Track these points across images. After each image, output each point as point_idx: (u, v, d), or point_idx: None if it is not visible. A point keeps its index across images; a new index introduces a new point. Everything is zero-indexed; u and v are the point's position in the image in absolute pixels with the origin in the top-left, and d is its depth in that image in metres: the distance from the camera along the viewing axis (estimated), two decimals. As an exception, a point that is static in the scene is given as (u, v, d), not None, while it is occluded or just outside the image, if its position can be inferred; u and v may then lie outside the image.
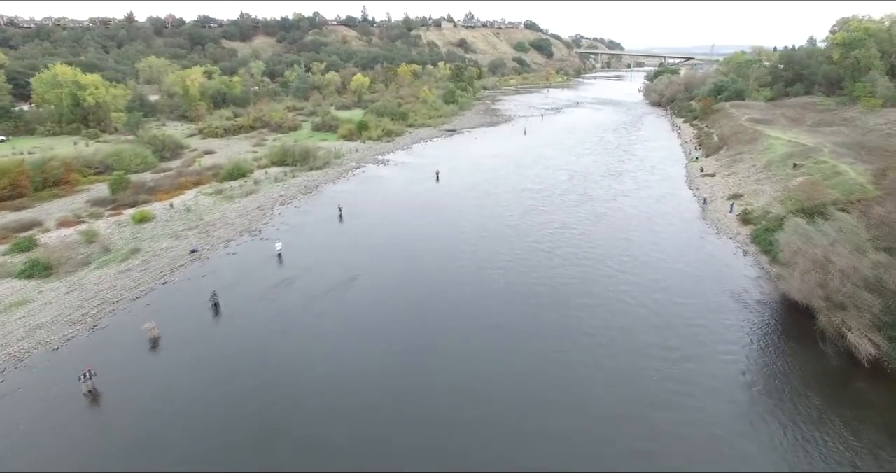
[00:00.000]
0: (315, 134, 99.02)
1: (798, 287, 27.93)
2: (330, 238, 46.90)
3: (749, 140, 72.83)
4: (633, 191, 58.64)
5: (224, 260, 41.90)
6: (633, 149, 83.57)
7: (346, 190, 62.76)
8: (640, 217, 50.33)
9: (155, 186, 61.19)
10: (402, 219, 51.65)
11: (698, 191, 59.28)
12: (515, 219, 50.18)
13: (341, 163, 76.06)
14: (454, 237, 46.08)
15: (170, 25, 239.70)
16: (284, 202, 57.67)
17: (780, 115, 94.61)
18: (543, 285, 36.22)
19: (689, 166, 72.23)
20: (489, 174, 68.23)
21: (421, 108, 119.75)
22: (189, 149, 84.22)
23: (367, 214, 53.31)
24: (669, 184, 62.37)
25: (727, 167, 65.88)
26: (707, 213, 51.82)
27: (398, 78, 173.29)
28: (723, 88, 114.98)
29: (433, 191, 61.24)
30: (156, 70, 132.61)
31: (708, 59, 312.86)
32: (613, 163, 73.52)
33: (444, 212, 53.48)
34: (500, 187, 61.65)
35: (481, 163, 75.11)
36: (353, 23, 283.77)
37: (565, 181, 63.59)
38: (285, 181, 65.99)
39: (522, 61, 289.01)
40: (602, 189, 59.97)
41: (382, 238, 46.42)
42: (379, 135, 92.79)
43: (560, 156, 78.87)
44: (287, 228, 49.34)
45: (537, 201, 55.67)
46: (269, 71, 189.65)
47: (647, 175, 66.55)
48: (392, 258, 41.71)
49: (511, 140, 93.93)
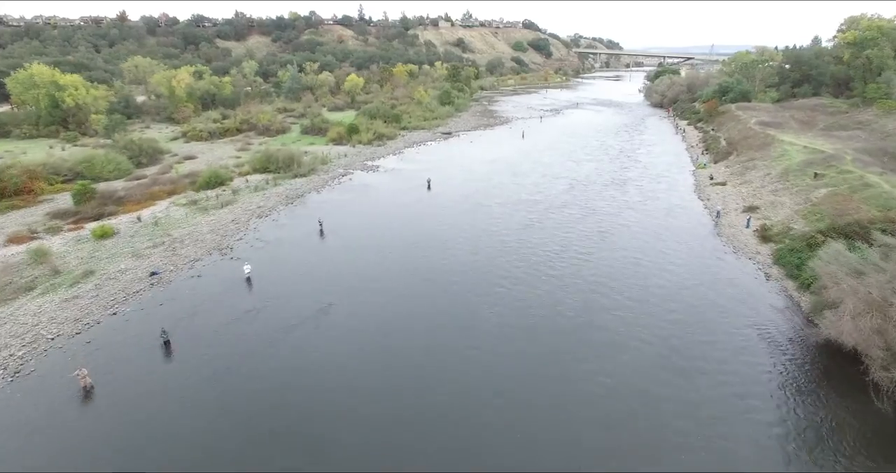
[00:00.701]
0: (304, 137, 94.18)
1: (849, 331, 23.24)
2: (307, 258, 42.13)
3: (760, 145, 68.15)
4: (639, 204, 53.82)
5: (186, 285, 37.13)
6: (636, 154, 78.84)
7: (331, 200, 57.98)
8: (649, 234, 45.55)
9: (125, 196, 56.38)
10: (388, 235, 46.84)
11: (709, 203, 54.61)
12: (511, 237, 45.20)
13: (328, 169, 71.26)
14: (443, 259, 41.31)
15: (163, 24, 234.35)
16: (262, 214, 52.87)
17: (789, 118, 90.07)
18: (543, 323, 31.30)
19: (696, 173, 67.55)
20: (484, 183, 63.46)
21: (415, 110, 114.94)
22: (169, 153, 79.45)
23: (350, 229, 48.54)
24: (678, 195, 57.64)
25: (739, 175, 61.20)
26: (721, 228, 47.14)
27: (393, 78, 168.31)
28: (728, 89, 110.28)
29: (423, 202, 56.50)
30: (142, 70, 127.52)
31: (708, 59, 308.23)
32: (616, 170, 68.74)
33: (434, 227, 48.70)
34: (495, 198, 56.87)
35: (476, 169, 70.33)
36: (349, 22, 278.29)
37: (565, 191, 58.80)
38: (266, 190, 61.19)
39: (521, 61, 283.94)
40: (605, 200, 55.19)
41: (364, 258, 41.64)
42: (370, 138, 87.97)
43: (559, 162, 74.09)
44: (261, 245, 44.57)
45: (535, 215, 50.82)
46: (263, 71, 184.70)
47: (652, 184, 61.80)
48: (372, 285, 36.94)
49: (508, 144, 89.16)
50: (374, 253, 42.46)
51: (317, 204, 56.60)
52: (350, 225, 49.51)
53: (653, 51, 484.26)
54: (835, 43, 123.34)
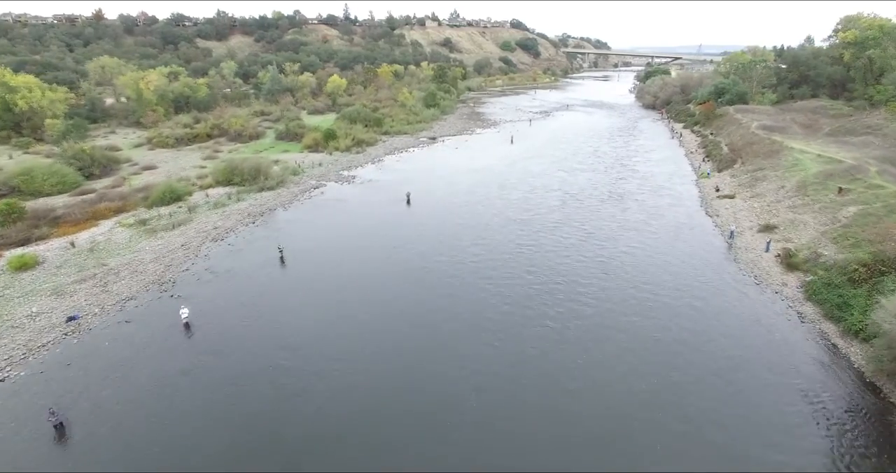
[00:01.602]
0: (278, 144, 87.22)
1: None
2: (262, 295, 35.46)
3: (768, 153, 62.41)
4: (642, 223, 47.47)
5: (109, 334, 30.39)
6: (632, 162, 72.71)
7: (298, 218, 51.27)
8: (656, 263, 39.21)
9: (63, 215, 49.28)
10: (358, 264, 40.26)
11: (719, 219, 48.66)
12: (496, 270, 38.45)
13: (299, 180, 64.43)
14: (417, 297, 34.84)
15: (141, 23, 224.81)
16: (218, 237, 46.04)
17: (790, 121, 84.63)
18: (538, 404, 25.07)
19: (700, 184, 61.67)
20: (468, 196, 56.99)
21: (399, 113, 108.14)
22: (129, 163, 72.23)
23: (316, 256, 41.92)
24: (683, 211, 51.60)
25: (748, 187, 55.35)
26: (737, 252, 41.15)
27: (378, 79, 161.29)
28: (724, 91, 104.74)
29: (400, 220, 49.96)
30: (108, 71, 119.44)
31: (696, 59, 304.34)
32: (613, 181, 62.44)
33: (410, 253, 42.18)
34: (480, 216, 50.37)
35: (460, 180, 63.83)
36: (334, 22, 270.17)
37: (558, 208, 52.37)
38: (227, 206, 54.35)
39: (509, 61, 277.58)
40: (603, 220, 48.82)
41: (328, 296, 35.06)
42: (348, 145, 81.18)
43: (550, 172, 67.72)
44: (210, 278, 37.85)
45: (524, 239, 44.21)
46: (243, 72, 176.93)
47: (654, 198, 55.64)
48: (332, 333, 30.44)
49: (495, 150, 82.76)
50: (339, 289, 35.89)
51: (282, 223, 49.88)
52: (316, 250, 42.87)
53: (640, 50, 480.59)
54: (830, 43, 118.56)
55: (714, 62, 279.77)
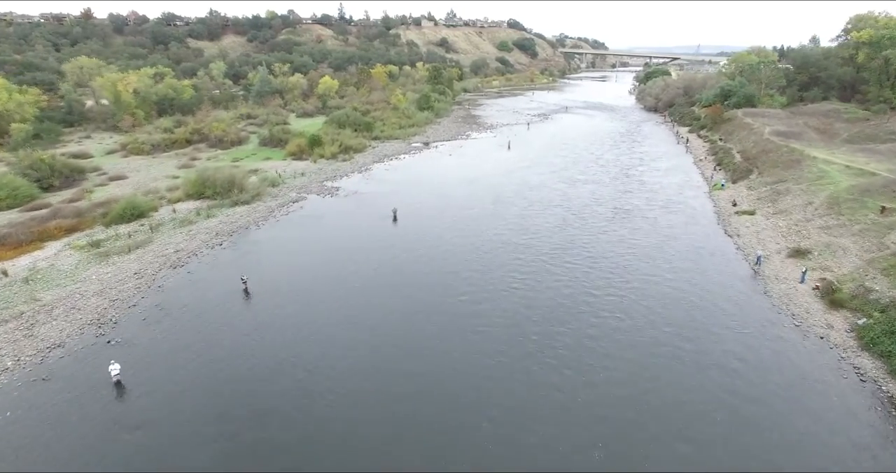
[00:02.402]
0: (261, 150, 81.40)
1: None
2: (216, 338, 29.70)
3: (787, 162, 56.87)
4: (655, 249, 41.47)
5: (18, 399, 24.65)
6: (638, 172, 66.97)
7: (271, 238, 45.51)
8: (677, 300, 33.19)
9: (4, 236, 43.45)
10: (331, 299, 34.46)
11: (741, 240, 43.08)
12: (488, 312, 32.32)
13: (278, 193, 58.67)
14: (394, 347, 29.18)
15: (131, 23, 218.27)
16: (178, 263, 40.30)
17: (803, 126, 79.18)
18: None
19: (714, 196, 56.13)
20: (460, 212, 51.21)
21: (391, 116, 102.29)
22: (97, 172, 66.35)
23: (285, 286, 36.23)
24: (700, 230, 45.91)
25: (769, 202, 49.78)
26: (767, 282, 35.56)
27: (371, 80, 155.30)
28: (730, 93, 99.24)
29: (384, 242, 44.18)
30: (87, 72, 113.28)
31: (694, 60, 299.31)
32: (618, 195, 56.63)
33: (393, 286, 36.47)
34: (473, 238, 44.43)
35: (453, 193, 58.10)
36: (329, 21, 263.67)
37: (559, 228, 46.42)
38: (195, 224, 48.56)
39: (506, 61, 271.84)
40: (611, 243, 42.87)
41: (291, 338, 29.37)
42: (334, 152, 75.36)
43: (549, 183, 61.91)
44: (159, 317, 32.11)
45: (522, 269, 38.12)
46: (234, 72, 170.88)
47: (665, 215, 49.89)
48: (291, 394, 24.79)
49: (491, 157, 77.06)
50: (308, 328, 30.22)
51: (252, 245, 44.12)
52: (285, 280, 37.16)
53: (637, 51, 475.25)
54: (839, 43, 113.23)
55: (712, 62, 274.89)
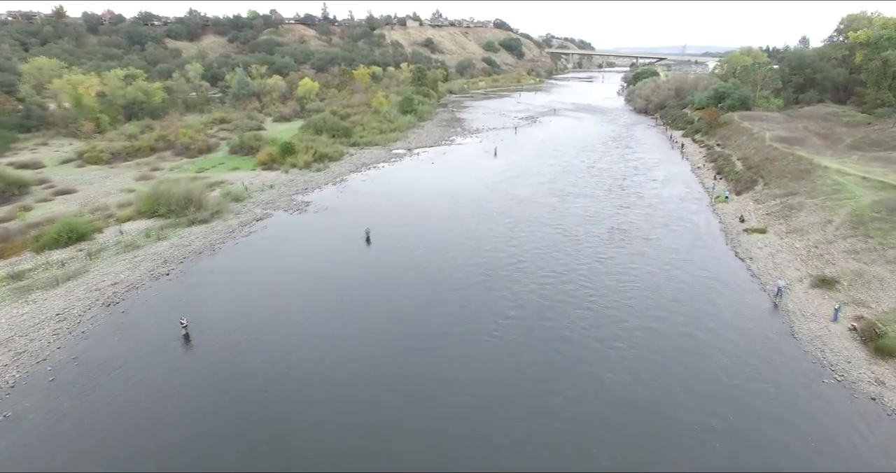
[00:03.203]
0: (230, 158, 75.19)
1: None
2: (140, 405, 23.93)
3: (796, 173, 52.10)
4: (662, 278, 36.09)
5: None
6: (634, 183, 61.65)
7: (225, 267, 39.60)
8: (695, 360, 27.83)
9: (-88, 269, 37.21)
10: (283, 346, 28.73)
11: (755, 265, 38.06)
12: (463, 378, 26.93)
13: (242, 208, 52.73)
14: (353, 409, 23.63)
15: (106, 22, 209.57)
16: (113, 299, 34.30)
17: (804, 130, 74.82)
18: None
19: (717, 209, 51.20)
20: (440, 234, 45.42)
21: (371, 121, 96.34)
22: (44, 185, 59.86)
23: (232, 329, 30.41)
24: (708, 254, 40.69)
25: (781, 218, 44.87)
26: (791, 319, 30.50)
27: (354, 82, 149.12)
28: (724, 95, 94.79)
29: (354, 271, 38.37)
30: (46, 73, 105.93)
31: (680, 60, 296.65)
32: (615, 211, 51.11)
33: (359, 330, 30.87)
34: (451, 269, 38.45)
35: (433, 209, 52.38)
36: (312, 21, 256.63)
37: (549, 254, 40.57)
38: (143, 248, 42.50)
39: (492, 62, 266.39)
40: (610, 273, 37.00)
41: (235, 398, 23.69)
42: (307, 161, 69.37)
43: (539, 196, 56.31)
44: (71, 378, 26.17)
45: (507, 310, 32.47)
46: (212, 74, 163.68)
47: (668, 235, 44.51)
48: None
49: (476, 166, 71.49)
50: (254, 383, 24.54)
51: (203, 275, 38.24)
52: (235, 319, 31.35)
53: (623, 51, 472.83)
54: (831, 43, 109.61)
55: (699, 62, 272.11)
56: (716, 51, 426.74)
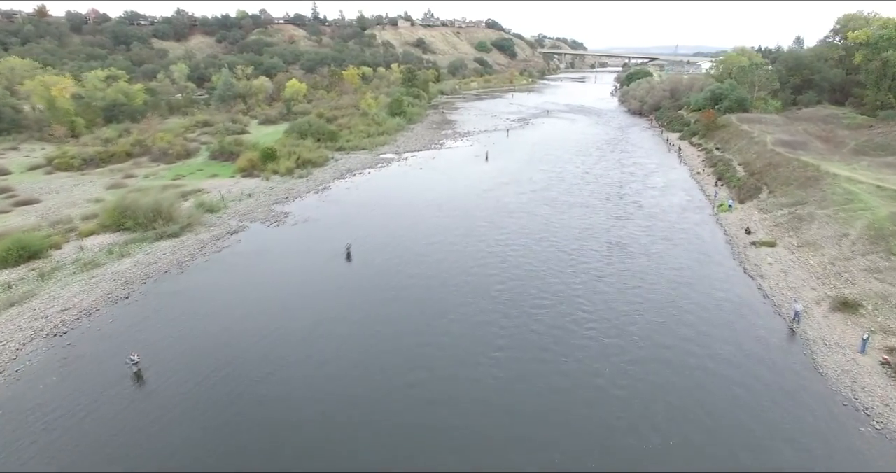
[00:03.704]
0: (210, 164, 71.37)
1: None
2: (75, 463, 20.36)
3: (802, 180, 49.07)
4: (667, 304, 32.37)
5: None
6: (632, 190, 58.24)
7: (190, 288, 35.90)
8: (711, 398, 24.90)
9: None
10: (247, 384, 25.26)
11: (765, 283, 34.88)
12: (452, 425, 23.97)
13: (216, 220, 49.00)
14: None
15: (91, 21, 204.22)
16: (59, 329, 30.53)
17: (804, 134, 72.04)
18: None
19: (721, 219, 48.08)
20: (426, 249, 41.54)
21: (359, 123, 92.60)
22: (5, 194, 55.88)
23: (190, 363, 26.86)
24: (716, 272, 37.30)
25: (791, 230, 41.75)
26: (813, 350, 27.31)
27: (343, 83, 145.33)
28: (721, 96, 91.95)
29: (331, 293, 34.80)
30: (18, 74, 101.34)
31: (673, 60, 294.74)
32: (612, 222, 47.42)
33: (333, 367, 27.44)
34: (437, 289, 34.89)
35: (419, 220, 48.59)
36: (302, 21, 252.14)
37: (542, 273, 36.89)
38: (103, 266, 38.75)
39: (484, 62, 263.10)
40: (610, 300, 33.08)
41: (189, 448, 20.21)
42: (290, 167, 65.66)
43: (531, 205, 52.64)
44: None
45: (497, 343, 28.87)
46: (198, 75, 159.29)
47: (671, 249, 41.04)
48: None
49: (466, 171, 68.05)
50: (216, 440, 20.98)
51: (167, 298, 34.54)
52: (195, 351, 27.74)
53: (615, 51, 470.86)
54: (827, 43, 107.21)
55: (691, 62, 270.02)
56: (707, 51, 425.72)
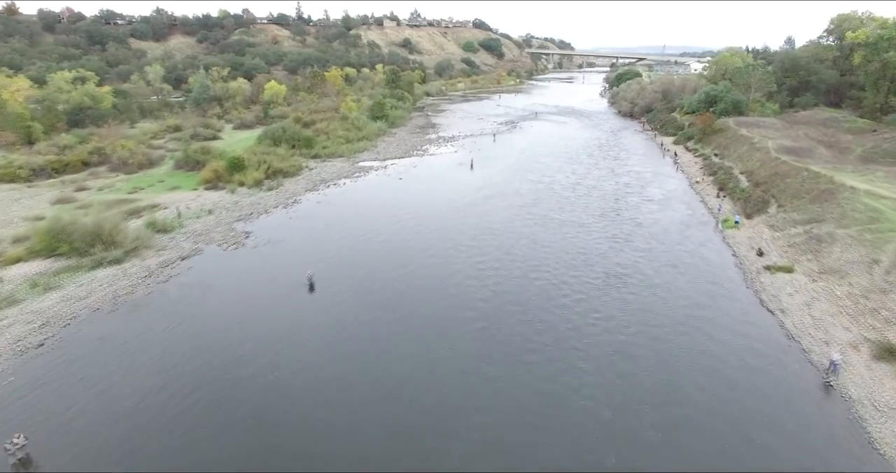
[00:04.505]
0: (174, 175, 65.29)
1: None
2: None
3: (815, 193, 44.34)
4: (676, 347, 27.46)
5: None
6: (628, 205, 52.69)
7: (123, 331, 30.05)
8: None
9: None
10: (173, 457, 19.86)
11: (788, 320, 29.96)
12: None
13: (169, 242, 43.18)
14: None
15: (65, 20, 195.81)
16: (-57, 392, 24.85)
17: (806, 139, 67.66)
18: None
19: (728, 238, 43.17)
20: (396, 279, 36.33)
21: (338, 128, 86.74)
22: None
23: (103, 447, 21.29)
24: (731, 306, 32.15)
25: (809, 252, 36.92)
26: (860, 414, 22.40)
27: (325, 84, 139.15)
28: (716, 99, 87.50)
29: (285, 339, 29.29)
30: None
31: (660, 60, 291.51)
32: (609, 245, 41.76)
33: (283, 429, 22.04)
34: (404, 331, 29.99)
35: (391, 242, 42.95)
36: (285, 21, 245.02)
37: (528, 310, 31.83)
38: (21, 304, 32.88)
39: (471, 62, 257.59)
40: (611, 352, 28.62)
41: None
42: (258, 178, 59.88)
43: (518, 223, 47.00)
44: None
45: (473, 420, 23.59)
46: (175, 76, 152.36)
47: (676, 278, 35.79)
48: None
49: (449, 181, 62.54)
50: None
51: (89, 345, 28.75)
52: (109, 431, 22.15)
53: (603, 51, 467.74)
54: (818, 44, 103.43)
55: (679, 62, 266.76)
56: (693, 51, 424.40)
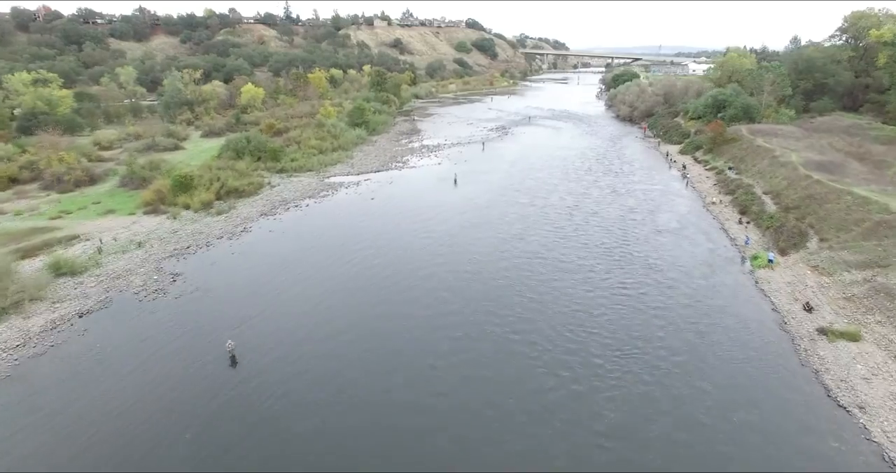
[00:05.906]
0: (116, 194, 56.40)
1: None
2: None
3: (869, 225, 35.94)
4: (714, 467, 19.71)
5: None
6: (636, 236, 43.54)
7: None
8: None
9: None
10: None
11: (874, 423, 21.48)
12: None
13: (73, 289, 34.36)
14: None
15: (40, 19, 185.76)
16: None
17: (832, 150, 59.39)
18: None
19: (761, 281, 34.64)
20: (351, 335, 28.06)
21: (312, 136, 77.73)
22: None
23: None
24: (791, 398, 23.57)
25: (876, 310, 28.45)
26: None
27: (309, 87, 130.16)
28: (724, 103, 79.13)
29: (193, 441, 20.83)
30: None
31: (656, 60, 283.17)
32: (616, 301, 32.72)
33: None
34: (349, 428, 21.94)
35: (346, 291, 34.42)
36: (272, 21, 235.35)
37: (520, 417, 23.73)
38: None
39: (464, 63, 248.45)
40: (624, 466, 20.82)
41: None
42: (208, 200, 51.04)
43: (503, 269, 37.49)
44: None
45: None
46: (151, 79, 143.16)
47: (706, 353, 26.78)
48: None
49: (427, 202, 53.24)
50: None
51: None
52: None
53: (598, 51, 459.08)
54: (832, 43, 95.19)
55: (675, 63, 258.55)
56: (688, 51, 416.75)
